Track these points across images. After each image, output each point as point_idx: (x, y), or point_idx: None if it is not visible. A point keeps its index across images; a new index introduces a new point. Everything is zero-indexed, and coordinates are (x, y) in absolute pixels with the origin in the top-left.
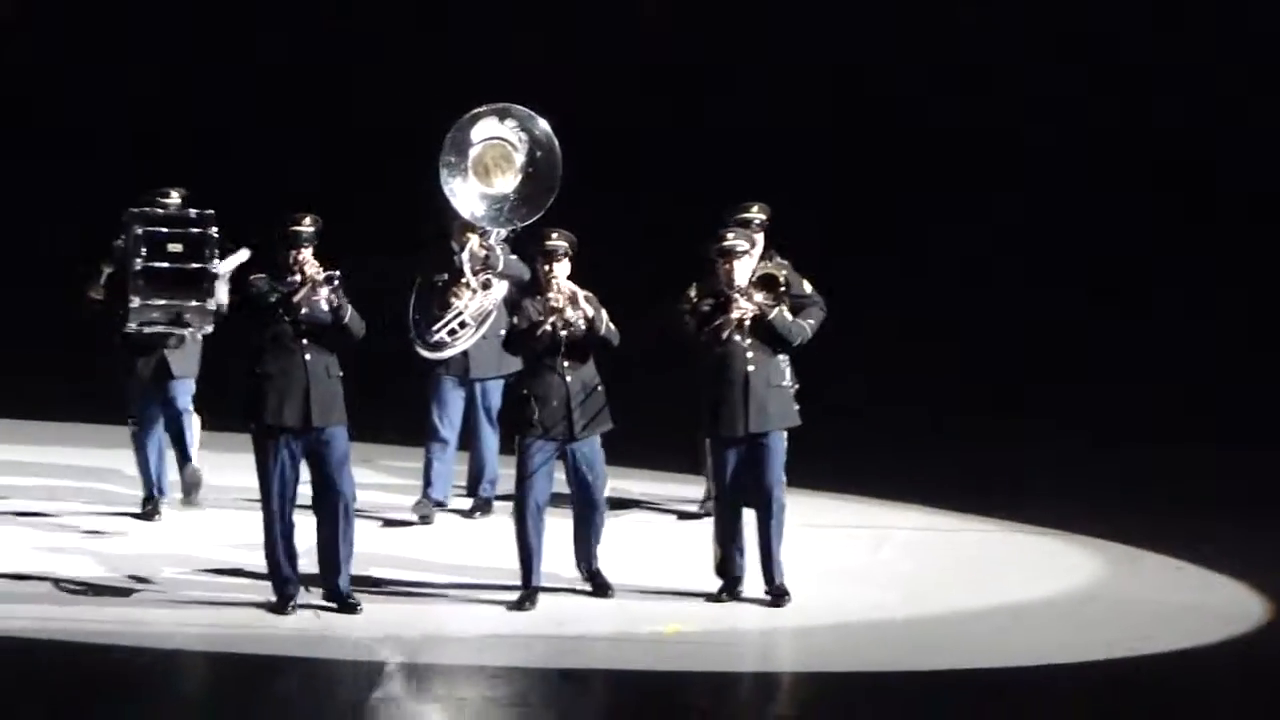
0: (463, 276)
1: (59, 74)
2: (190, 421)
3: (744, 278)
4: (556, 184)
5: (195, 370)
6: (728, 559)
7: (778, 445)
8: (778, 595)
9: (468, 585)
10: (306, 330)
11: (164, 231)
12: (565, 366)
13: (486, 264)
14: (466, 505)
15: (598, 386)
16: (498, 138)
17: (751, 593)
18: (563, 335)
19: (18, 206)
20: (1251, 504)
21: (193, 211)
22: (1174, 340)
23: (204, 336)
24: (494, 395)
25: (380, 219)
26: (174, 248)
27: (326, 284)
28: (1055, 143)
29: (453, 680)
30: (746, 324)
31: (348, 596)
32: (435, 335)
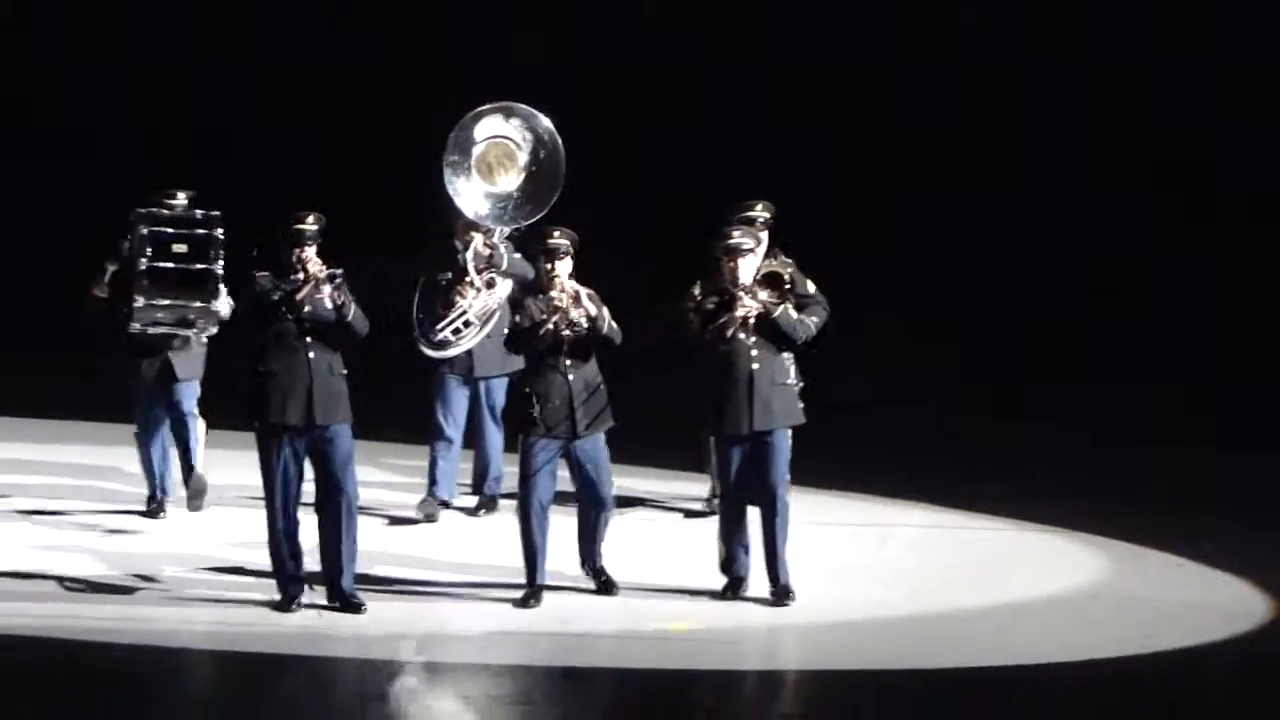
0: (467, 275)
1: (59, 74)
2: (195, 427)
3: (749, 276)
4: (560, 182)
5: (200, 372)
6: (732, 557)
7: (782, 443)
8: (782, 594)
9: (472, 583)
10: (310, 328)
11: (169, 232)
12: (568, 365)
13: (490, 262)
14: (471, 503)
15: (600, 385)
16: (501, 136)
17: (756, 591)
18: (565, 334)
19: (18, 206)
20: (1251, 504)
21: (199, 213)
22: (1174, 340)
23: (208, 338)
24: (498, 393)
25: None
26: (179, 248)
27: (329, 282)
28: (1055, 143)
29: (457, 678)
30: (751, 322)
31: (351, 596)
32: (439, 334)
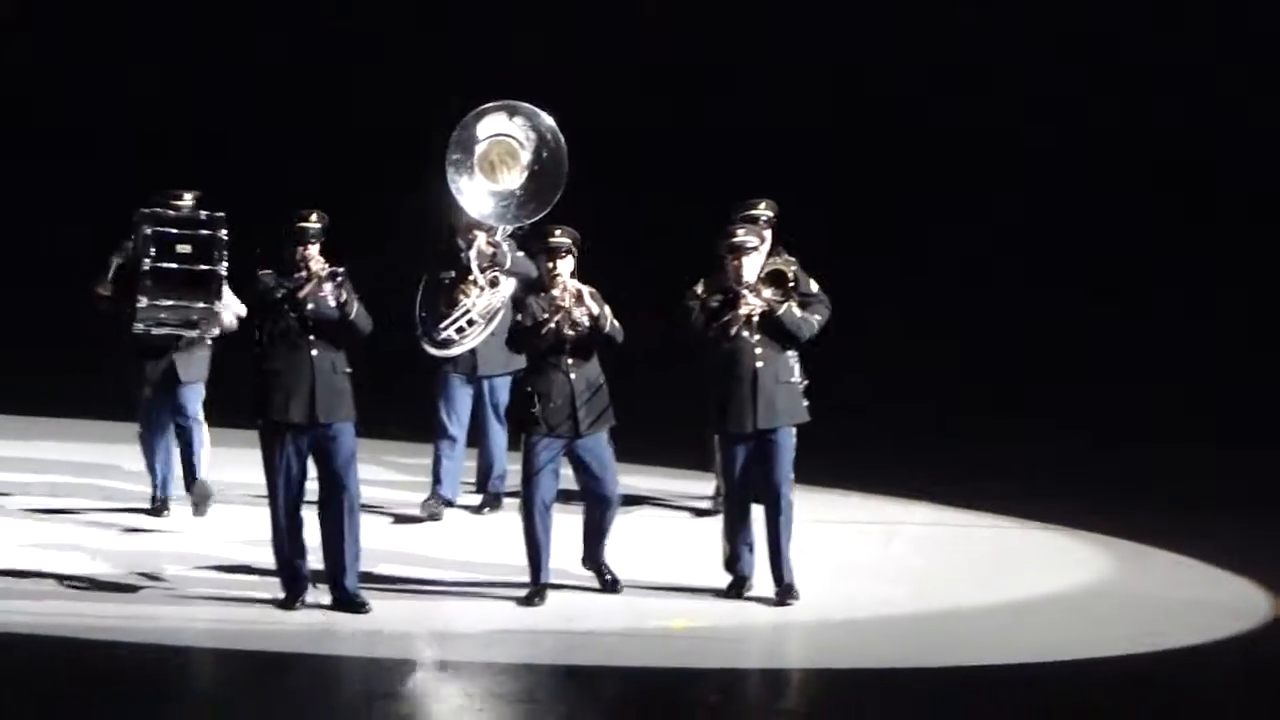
0: (470, 274)
1: (59, 74)
2: (200, 433)
3: (753, 274)
4: (563, 181)
5: (204, 375)
6: (736, 556)
7: (786, 441)
8: (786, 593)
9: (476, 582)
10: (313, 326)
11: (173, 232)
12: (569, 364)
13: (494, 261)
14: (475, 501)
15: (602, 384)
16: (504, 134)
17: (760, 590)
18: (568, 333)
19: (18, 206)
20: (1252, 504)
21: (203, 213)
22: (1174, 340)
23: (212, 340)
24: (502, 392)
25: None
26: (183, 249)
27: (330, 279)
28: (1055, 143)
29: (461, 676)
30: (755, 320)
31: (355, 596)
32: (443, 333)
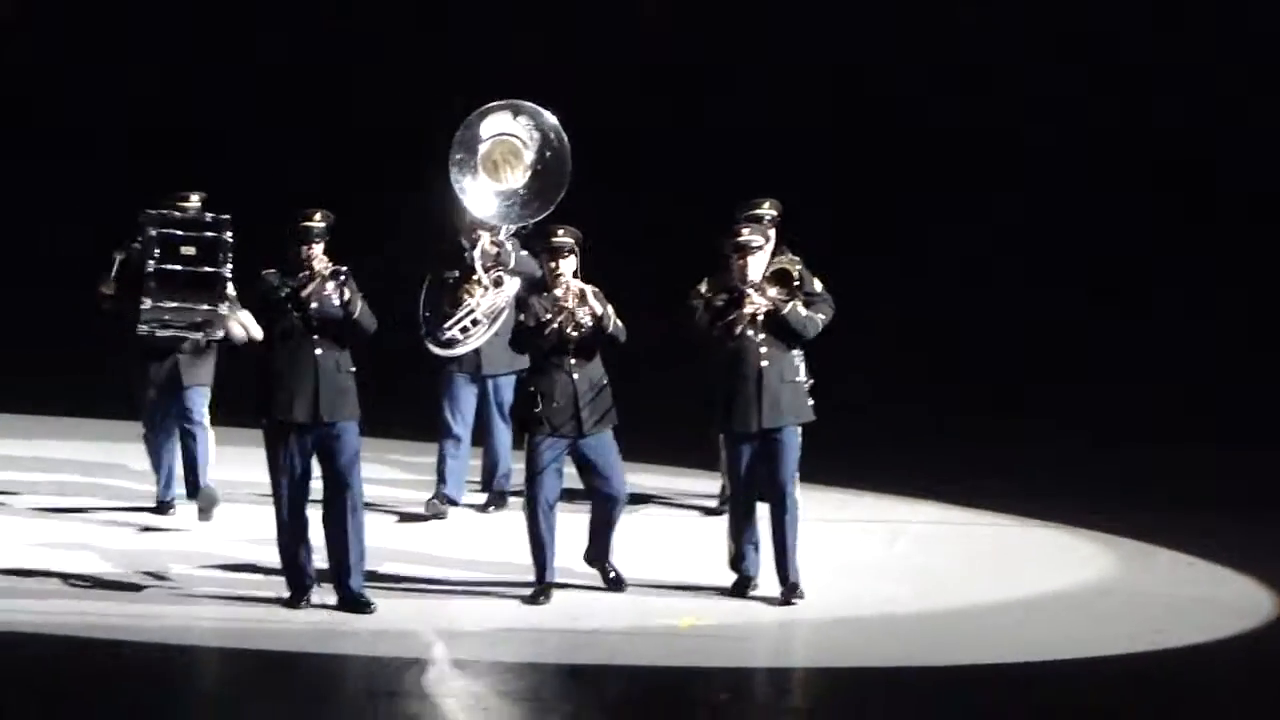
0: (474, 273)
1: (59, 74)
2: (204, 438)
3: (758, 273)
4: (566, 180)
5: (210, 379)
6: (741, 555)
7: (791, 440)
8: (791, 592)
9: (481, 580)
10: (317, 325)
11: (178, 234)
12: (572, 364)
13: (498, 261)
14: (480, 500)
15: (605, 384)
16: (508, 134)
17: (765, 589)
18: (571, 333)
19: (18, 206)
20: (1252, 504)
21: (208, 215)
22: (1174, 340)
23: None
24: (506, 391)
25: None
26: (187, 251)
27: (333, 279)
28: (1055, 143)
29: (466, 675)
30: (760, 319)
31: (360, 595)
32: (447, 333)
